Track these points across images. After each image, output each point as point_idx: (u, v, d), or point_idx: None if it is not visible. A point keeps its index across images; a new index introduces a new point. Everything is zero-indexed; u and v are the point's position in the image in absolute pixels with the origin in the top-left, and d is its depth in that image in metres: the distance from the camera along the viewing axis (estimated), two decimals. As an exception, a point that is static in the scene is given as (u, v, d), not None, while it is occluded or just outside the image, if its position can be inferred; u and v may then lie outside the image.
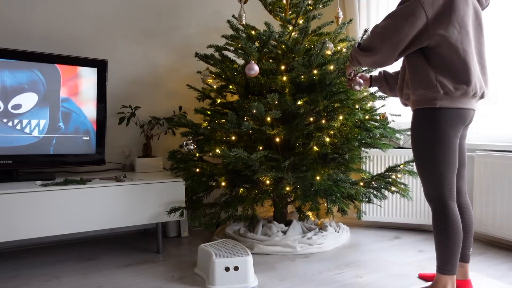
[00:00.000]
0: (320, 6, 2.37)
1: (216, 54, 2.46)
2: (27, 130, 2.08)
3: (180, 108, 2.70)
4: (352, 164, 2.31)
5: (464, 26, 1.46)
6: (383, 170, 2.49)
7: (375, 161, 2.67)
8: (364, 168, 2.69)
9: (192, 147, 2.18)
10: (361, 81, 1.88)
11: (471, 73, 1.45)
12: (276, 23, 2.95)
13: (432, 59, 1.47)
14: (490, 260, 2.08)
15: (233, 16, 2.57)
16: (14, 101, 2.05)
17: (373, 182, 2.32)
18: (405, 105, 1.68)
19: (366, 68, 2.32)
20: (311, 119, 2.10)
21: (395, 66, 2.05)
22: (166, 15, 2.73)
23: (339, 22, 2.37)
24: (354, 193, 2.22)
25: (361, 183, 2.31)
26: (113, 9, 2.56)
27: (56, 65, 2.14)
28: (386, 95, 2.40)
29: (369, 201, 2.36)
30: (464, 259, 1.65)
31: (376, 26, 1.52)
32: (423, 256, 2.14)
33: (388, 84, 1.84)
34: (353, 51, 1.64)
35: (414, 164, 2.40)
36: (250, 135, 2.20)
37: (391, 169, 2.31)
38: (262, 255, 2.16)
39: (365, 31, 2.27)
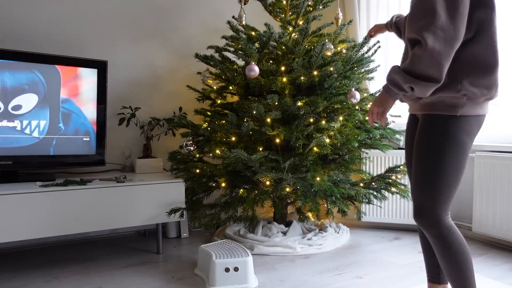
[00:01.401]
0: (320, 7, 2.38)
1: (216, 55, 2.46)
2: (27, 131, 2.08)
3: (180, 109, 2.70)
4: (352, 165, 2.32)
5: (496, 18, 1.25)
6: (383, 171, 2.49)
7: (375, 162, 2.68)
8: (364, 169, 2.69)
9: (192, 148, 2.18)
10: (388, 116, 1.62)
11: (498, 75, 1.26)
12: (276, 24, 2.96)
13: (460, 56, 1.22)
14: (490, 260, 2.08)
15: (233, 17, 2.58)
16: (14, 102, 2.05)
17: (373, 183, 2.32)
18: (401, 101, 1.41)
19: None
20: (311, 120, 2.10)
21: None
22: (166, 16, 2.73)
23: (339, 23, 2.38)
24: (354, 194, 2.22)
25: (361, 184, 2.31)
26: (113, 10, 2.56)
27: (56, 66, 2.14)
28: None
29: (369, 202, 2.36)
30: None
31: (433, 47, 1.12)
32: (423, 256, 2.14)
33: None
34: (404, 79, 1.18)
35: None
36: (250, 136, 2.20)
37: (391, 170, 2.32)
38: (262, 255, 2.16)
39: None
